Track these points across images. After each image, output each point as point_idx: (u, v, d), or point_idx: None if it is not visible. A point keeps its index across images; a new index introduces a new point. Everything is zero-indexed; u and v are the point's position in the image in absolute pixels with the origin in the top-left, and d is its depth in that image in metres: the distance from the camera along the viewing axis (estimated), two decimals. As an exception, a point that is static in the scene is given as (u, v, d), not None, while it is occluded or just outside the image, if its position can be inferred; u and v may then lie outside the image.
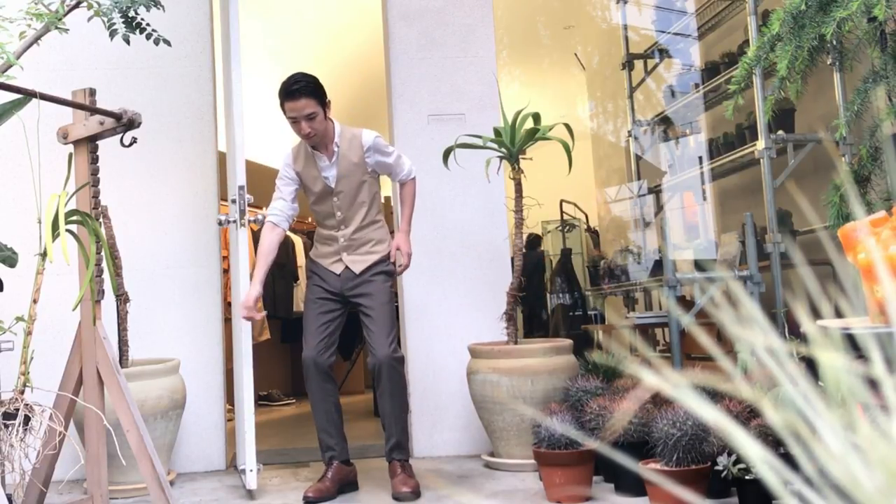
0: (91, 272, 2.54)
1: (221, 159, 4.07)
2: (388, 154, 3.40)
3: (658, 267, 4.62)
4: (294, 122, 3.24)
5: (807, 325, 0.54)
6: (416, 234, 4.09)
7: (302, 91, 3.20)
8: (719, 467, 2.59)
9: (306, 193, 3.44)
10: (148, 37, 2.91)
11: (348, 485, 3.34)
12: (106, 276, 2.70)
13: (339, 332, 3.39)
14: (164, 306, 3.97)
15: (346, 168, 3.33)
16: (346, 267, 3.34)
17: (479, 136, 3.72)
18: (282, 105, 3.25)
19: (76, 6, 2.76)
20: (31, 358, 2.45)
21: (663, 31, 5.78)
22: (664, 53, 5.81)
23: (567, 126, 3.75)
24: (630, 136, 5.97)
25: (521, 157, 3.75)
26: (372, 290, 3.32)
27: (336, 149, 3.33)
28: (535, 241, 7.17)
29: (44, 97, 2.45)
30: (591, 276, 5.86)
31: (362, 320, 3.34)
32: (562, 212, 6.58)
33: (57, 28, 2.67)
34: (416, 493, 3.15)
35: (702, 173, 5.21)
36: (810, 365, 0.62)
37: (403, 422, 3.33)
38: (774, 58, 2.70)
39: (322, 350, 3.30)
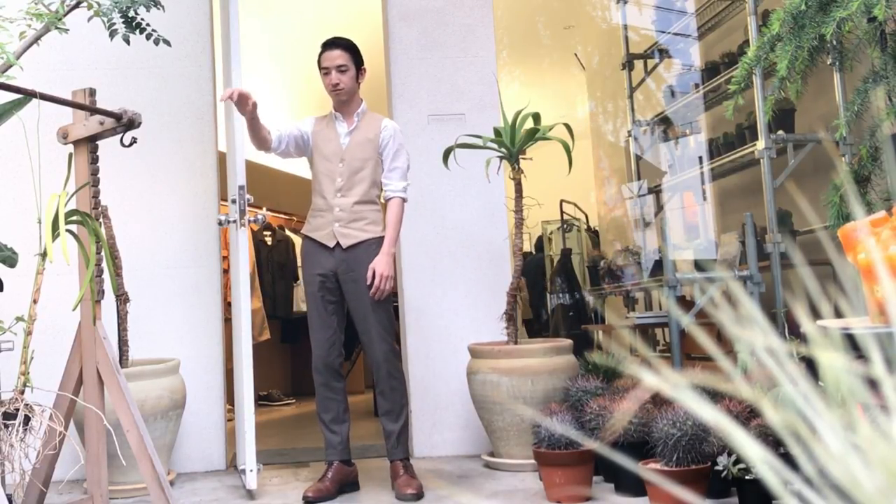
0: (91, 272, 2.54)
1: (221, 159, 4.07)
2: (399, 146, 3.43)
3: (658, 267, 4.62)
4: (326, 73, 3.39)
5: (807, 325, 0.54)
6: (416, 234, 4.10)
7: (338, 44, 3.42)
8: (719, 467, 2.59)
9: (314, 155, 3.42)
10: (148, 37, 2.91)
11: (349, 485, 3.34)
12: (106, 276, 2.70)
13: (343, 323, 3.38)
14: (164, 306, 3.97)
15: (360, 141, 3.40)
16: (338, 242, 3.31)
17: (479, 136, 3.72)
18: (319, 59, 3.43)
19: (76, 6, 2.76)
20: (31, 358, 2.45)
21: (663, 31, 5.77)
22: (664, 53, 5.81)
23: (567, 126, 3.75)
24: (630, 136, 5.96)
25: (521, 157, 3.75)
26: (364, 278, 3.28)
27: (356, 119, 3.43)
28: (538, 244, 7.17)
29: (44, 97, 2.45)
30: (591, 276, 5.86)
31: (354, 315, 3.33)
32: (562, 212, 6.58)
33: (57, 28, 2.67)
34: (420, 495, 3.15)
35: (702, 173, 5.21)
36: (810, 365, 0.62)
37: (405, 420, 3.35)
38: (774, 58, 2.70)
39: (330, 348, 3.32)
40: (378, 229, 3.36)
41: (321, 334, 3.33)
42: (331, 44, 3.42)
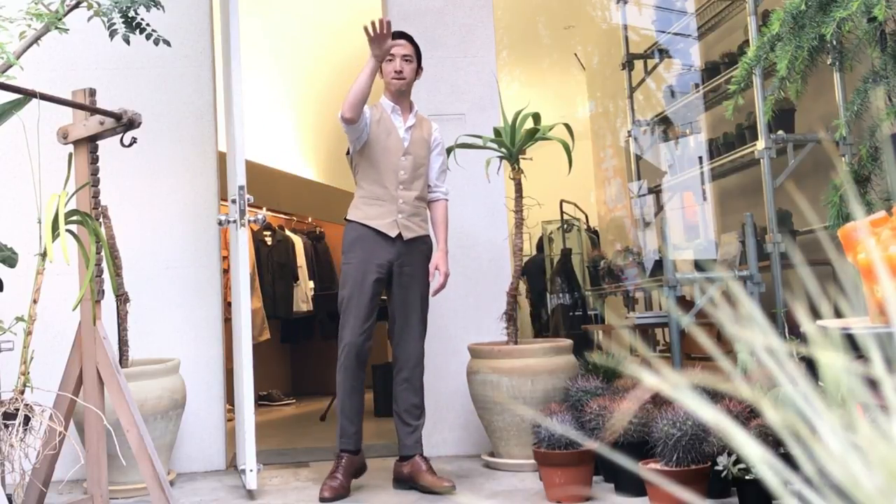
0: (91, 272, 2.54)
1: (221, 159, 4.07)
2: (443, 153, 3.58)
3: (658, 267, 4.61)
4: (390, 60, 3.39)
5: (807, 325, 0.54)
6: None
7: (406, 36, 3.47)
8: (719, 467, 2.59)
9: (371, 143, 3.38)
10: (148, 37, 2.91)
11: (357, 470, 3.36)
12: (106, 276, 2.70)
13: (376, 316, 3.42)
14: (164, 306, 3.97)
15: (417, 138, 3.46)
16: (400, 233, 3.34)
17: (479, 136, 3.72)
18: None
19: (76, 6, 2.76)
20: (31, 358, 2.45)
21: (663, 31, 5.77)
22: (664, 53, 5.81)
23: (567, 126, 3.75)
24: (630, 136, 5.96)
25: (521, 157, 3.75)
26: (419, 280, 3.39)
27: (413, 119, 3.47)
28: (538, 244, 7.17)
29: (44, 97, 2.45)
30: (592, 276, 5.86)
31: (397, 306, 3.36)
32: (562, 212, 6.58)
33: (57, 28, 2.67)
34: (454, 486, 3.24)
35: (702, 173, 5.21)
36: (810, 365, 0.62)
37: (424, 416, 3.43)
38: (774, 58, 2.70)
39: (367, 337, 3.31)
40: (428, 226, 3.48)
41: (363, 324, 3.27)
42: (398, 34, 3.42)
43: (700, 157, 5.20)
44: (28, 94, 2.46)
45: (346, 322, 3.28)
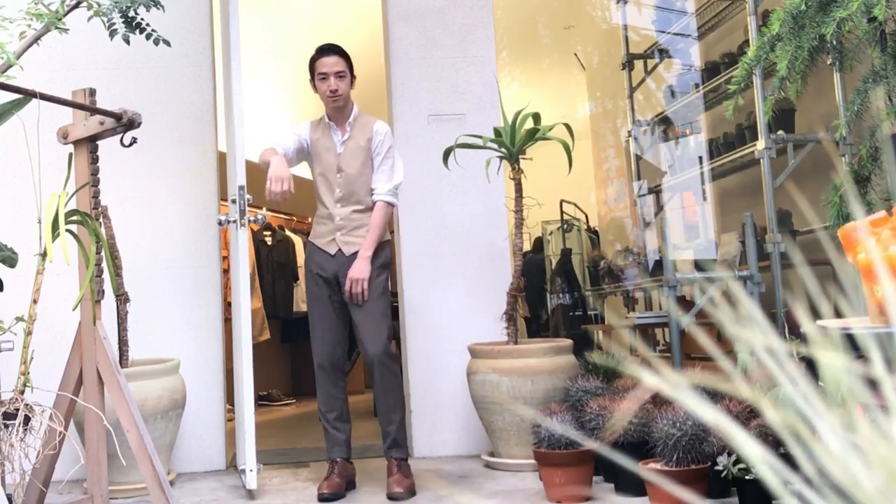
0: (91, 272, 2.54)
1: (221, 159, 4.07)
2: (389, 149, 3.44)
3: (658, 267, 4.61)
4: (323, 78, 3.40)
5: (807, 325, 0.54)
6: (416, 234, 4.10)
7: (336, 50, 3.44)
8: (719, 467, 2.59)
9: (314, 163, 3.48)
10: (148, 37, 2.91)
11: (349, 483, 3.35)
12: (106, 276, 2.70)
13: (346, 324, 3.42)
14: (164, 306, 3.97)
15: (353, 149, 3.43)
16: (339, 249, 3.37)
17: (479, 136, 3.72)
18: (313, 64, 3.44)
19: (76, 6, 2.76)
20: (31, 358, 2.45)
21: (663, 31, 5.77)
22: (664, 53, 5.80)
23: (567, 126, 3.75)
24: (630, 136, 5.96)
25: (521, 157, 3.75)
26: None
27: (349, 129, 3.45)
28: (537, 244, 7.16)
29: (44, 97, 2.45)
30: (592, 277, 5.85)
31: (352, 316, 3.36)
32: (562, 212, 6.57)
33: (57, 28, 2.67)
34: (411, 493, 3.16)
35: (702, 173, 5.21)
36: (810, 365, 0.62)
37: (400, 418, 3.36)
38: (774, 58, 2.70)
39: (336, 347, 3.37)
40: None
41: (328, 334, 3.37)
42: (328, 50, 3.44)
43: (700, 157, 5.20)
44: (28, 94, 2.46)
45: (314, 336, 3.40)
